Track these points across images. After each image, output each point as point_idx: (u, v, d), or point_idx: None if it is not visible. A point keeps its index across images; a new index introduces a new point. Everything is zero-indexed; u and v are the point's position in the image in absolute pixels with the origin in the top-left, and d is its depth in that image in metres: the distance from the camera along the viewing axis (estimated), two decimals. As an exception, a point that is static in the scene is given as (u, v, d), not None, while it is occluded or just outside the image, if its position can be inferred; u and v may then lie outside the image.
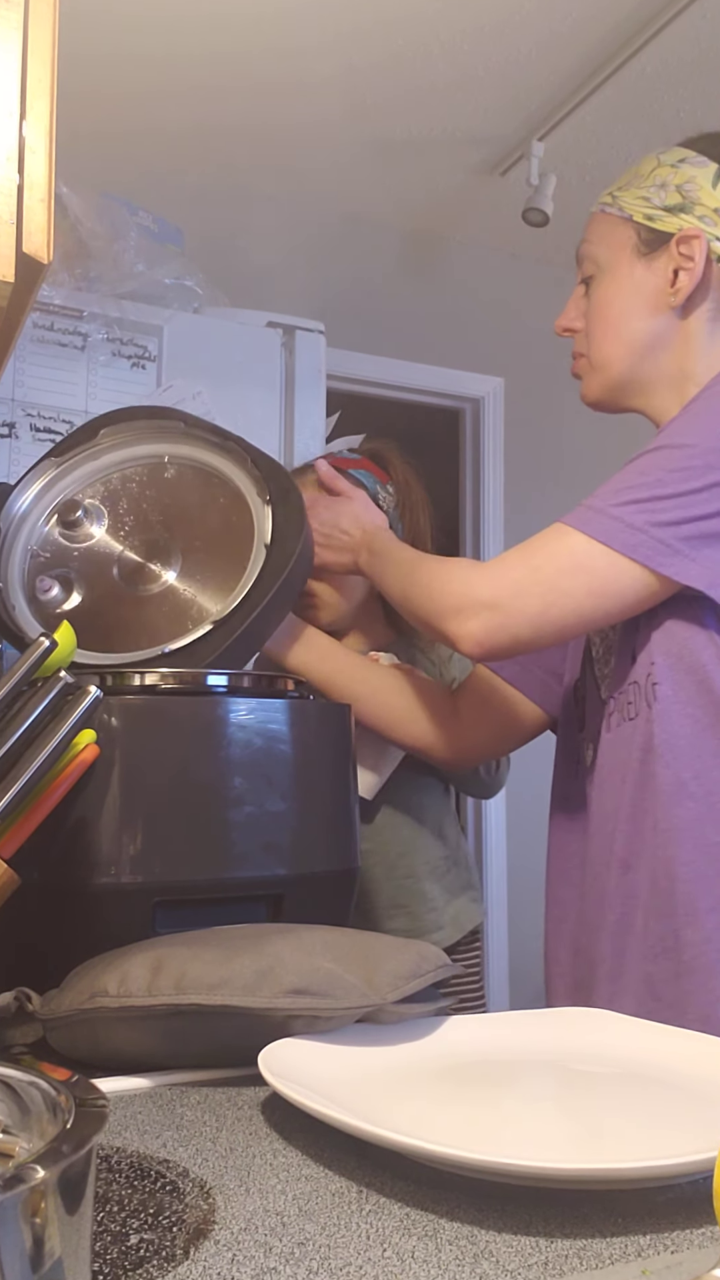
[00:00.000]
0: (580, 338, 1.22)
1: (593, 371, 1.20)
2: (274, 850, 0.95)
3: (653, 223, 1.14)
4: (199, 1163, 0.57)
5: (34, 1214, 0.32)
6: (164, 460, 1.23)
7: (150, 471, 1.24)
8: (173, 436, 1.24)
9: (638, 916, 1.05)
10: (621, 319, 1.16)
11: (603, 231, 1.19)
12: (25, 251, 0.70)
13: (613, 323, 1.17)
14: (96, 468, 1.24)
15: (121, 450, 1.24)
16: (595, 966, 1.08)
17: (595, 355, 1.19)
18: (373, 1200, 0.52)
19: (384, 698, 1.33)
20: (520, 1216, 0.50)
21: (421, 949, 0.80)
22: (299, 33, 2.55)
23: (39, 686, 0.80)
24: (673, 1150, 0.53)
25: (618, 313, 1.17)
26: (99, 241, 1.72)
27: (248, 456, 1.19)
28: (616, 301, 1.17)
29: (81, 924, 0.90)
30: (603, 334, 1.18)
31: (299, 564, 1.14)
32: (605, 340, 1.18)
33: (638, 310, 1.16)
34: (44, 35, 0.72)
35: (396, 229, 3.48)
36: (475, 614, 1.04)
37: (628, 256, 1.16)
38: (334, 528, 1.27)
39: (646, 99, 2.82)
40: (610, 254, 1.17)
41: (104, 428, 1.24)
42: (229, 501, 1.18)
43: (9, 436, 1.68)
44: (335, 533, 1.27)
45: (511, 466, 3.53)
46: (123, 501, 1.22)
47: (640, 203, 1.15)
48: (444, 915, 1.64)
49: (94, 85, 2.68)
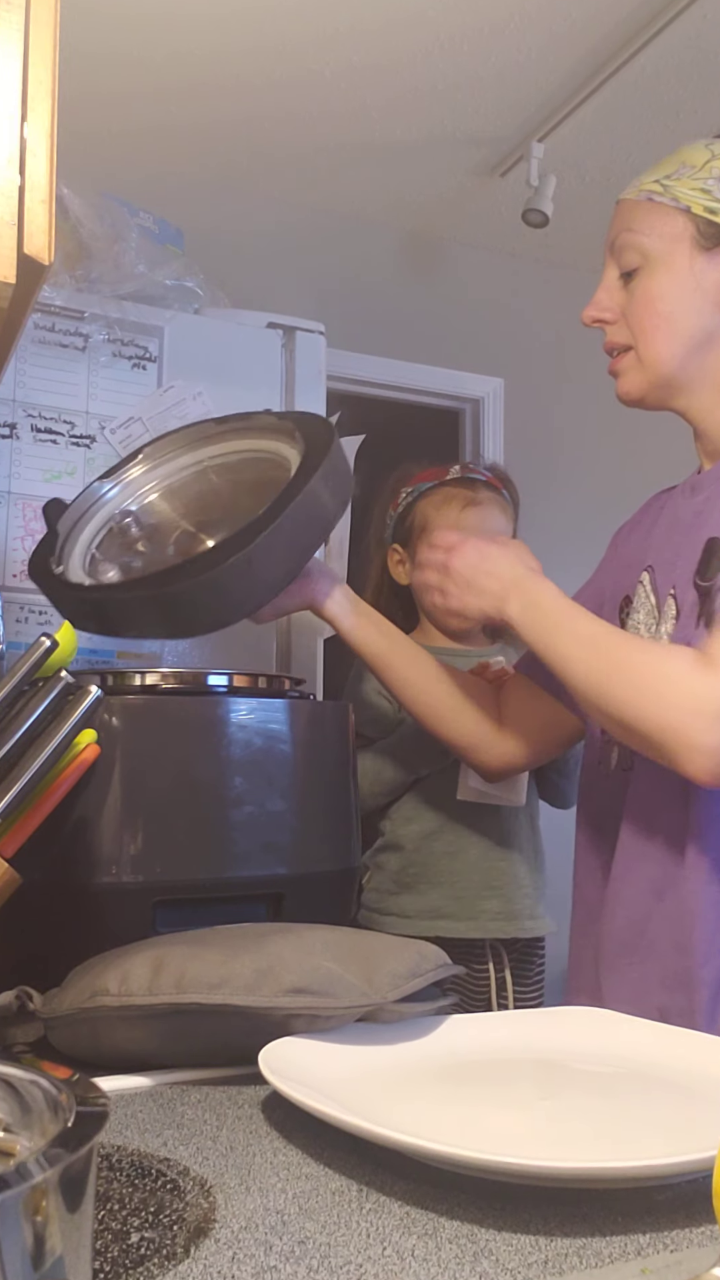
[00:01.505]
0: (615, 330, 1.15)
1: (639, 368, 1.13)
2: (274, 850, 0.96)
3: (715, 216, 1.09)
4: (199, 1161, 0.58)
5: (35, 1212, 0.32)
6: (207, 461, 1.27)
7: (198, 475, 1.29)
8: (211, 438, 1.27)
9: (662, 945, 1.03)
10: (677, 314, 1.10)
11: (653, 222, 1.12)
12: (26, 253, 0.71)
13: (665, 317, 1.11)
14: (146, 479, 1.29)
15: (168, 463, 1.29)
16: (618, 988, 1.06)
17: (645, 351, 1.12)
18: (373, 1199, 0.53)
19: (436, 688, 1.28)
20: (520, 1215, 0.50)
21: (421, 948, 0.80)
22: (299, 32, 2.55)
23: (40, 686, 0.80)
24: (673, 1150, 0.53)
25: (672, 308, 1.11)
26: (100, 243, 1.72)
27: (284, 422, 1.21)
28: (671, 295, 1.11)
29: (82, 923, 0.90)
30: (654, 329, 1.11)
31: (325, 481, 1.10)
32: (657, 336, 1.11)
33: (695, 306, 1.10)
34: (45, 37, 0.73)
35: (396, 230, 3.48)
36: (712, 729, 0.93)
37: (686, 249, 1.10)
38: (477, 570, 1.11)
39: (646, 99, 2.82)
40: (665, 246, 1.11)
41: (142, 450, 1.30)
42: (277, 471, 1.20)
43: (9, 437, 1.68)
44: (479, 575, 1.11)
45: (511, 466, 3.51)
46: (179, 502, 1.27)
47: (699, 194, 1.10)
48: (538, 905, 1.69)
49: (94, 85, 2.68)
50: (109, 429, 1.70)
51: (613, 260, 1.15)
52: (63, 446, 1.68)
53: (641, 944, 1.05)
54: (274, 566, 1.07)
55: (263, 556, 1.04)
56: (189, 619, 1.08)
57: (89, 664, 1.65)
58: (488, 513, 1.71)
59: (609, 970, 1.08)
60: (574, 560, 3.41)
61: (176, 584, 1.04)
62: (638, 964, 1.06)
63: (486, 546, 1.14)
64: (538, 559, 1.14)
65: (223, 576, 1.03)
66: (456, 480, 1.73)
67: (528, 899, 1.67)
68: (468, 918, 1.62)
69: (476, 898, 1.63)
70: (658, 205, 1.12)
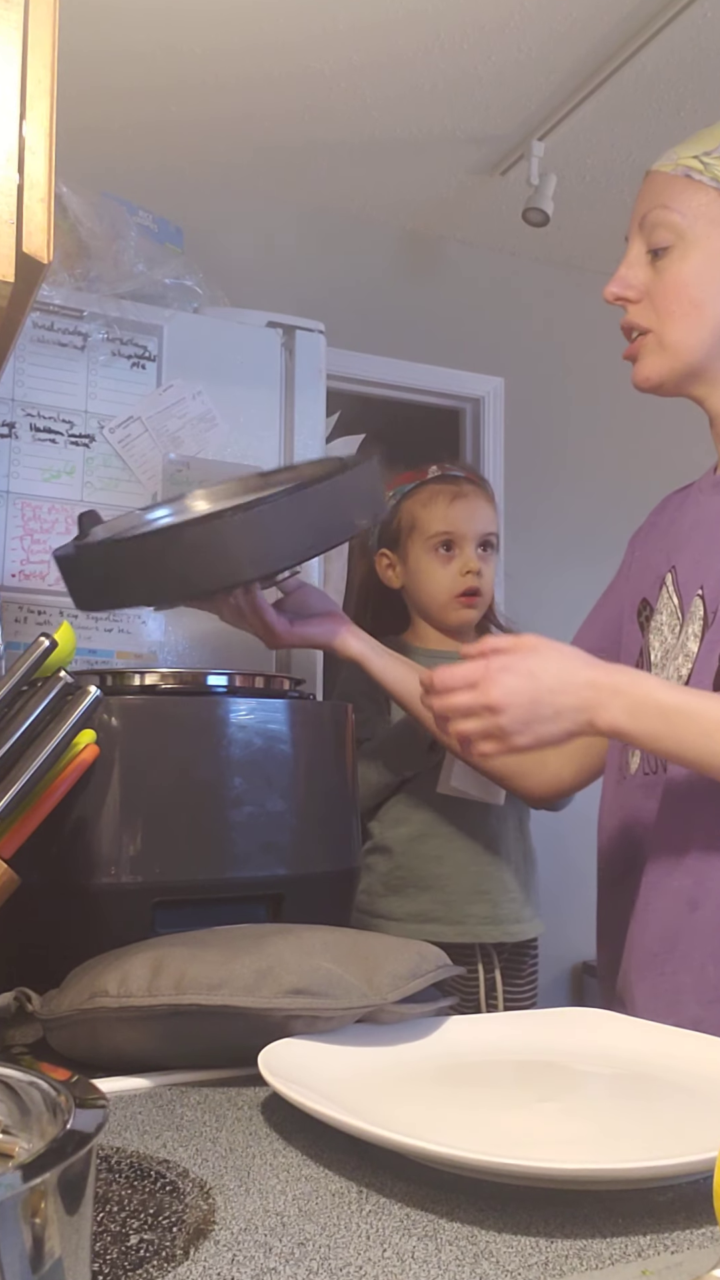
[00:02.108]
0: (638, 310, 1.09)
1: (661, 352, 1.07)
2: (274, 850, 0.95)
3: None
4: (199, 1163, 0.57)
5: (34, 1214, 0.32)
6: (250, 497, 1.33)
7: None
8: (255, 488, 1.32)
9: (696, 957, 1.00)
10: (708, 301, 1.05)
11: (689, 200, 1.05)
12: (25, 251, 0.71)
13: (695, 304, 1.05)
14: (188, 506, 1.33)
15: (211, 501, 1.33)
16: (649, 1000, 1.03)
17: (670, 336, 1.06)
18: (373, 1200, 0.52)
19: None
20: (520, 1216, 0.50)
21: (421, 949, 0.80)
22: (299, 30, 2.55)
23: (39, 686, 0.80)
24: (673, 1150, 0.53)
25: (703, 294, 1.05)
26: (99, 241, 1.72)
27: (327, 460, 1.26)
28: (703, 280, 1.05)
29: (81, 924, 0.90)
30: (682, 315, 1.06)
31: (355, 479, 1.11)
32: (685, 321, 1.06)
33: None
34: (44, 36, 0.72)
35: (396, 229, 3.48)
36: None
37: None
38: (535, 694, 0.92)
39: (646, 99, 2.82)
40: (701, 228, 1.05)
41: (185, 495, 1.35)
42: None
43: (9, 436, 1.68)
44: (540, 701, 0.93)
45: (511, 466, 3.53)
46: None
47: None
48: (525, 909, 1.68)
49: (92, 83, 2.68)
50: (108, 428, 1.70)
51: (640, 236, 1.09)
52: (62, 446, 1.68)
53: (674, 956, 1.02)
54: (284, 532, 1.04)
55: (272, 516, 1.03)
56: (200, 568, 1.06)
57: (88, 664, 1.65)
58: (475, 504, 1.71)
59: (638, 980, 1.05)
60: (574, 559, 3.41)
61: (184, 530, 1.06)
62: (669, 975, 1.02)
63: (518, 662, 0.94)
64: (539, 559, 1.12)
65: (228, 526, 1.03)
66: (438, 478, 1.74)
67: (514, 903, 1.66)
68: (455, 922, 1.62)
69: (464, 902, 1.63)
70: (695, 183, 1.05)
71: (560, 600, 1.83)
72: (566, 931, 2.21)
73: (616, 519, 1.32)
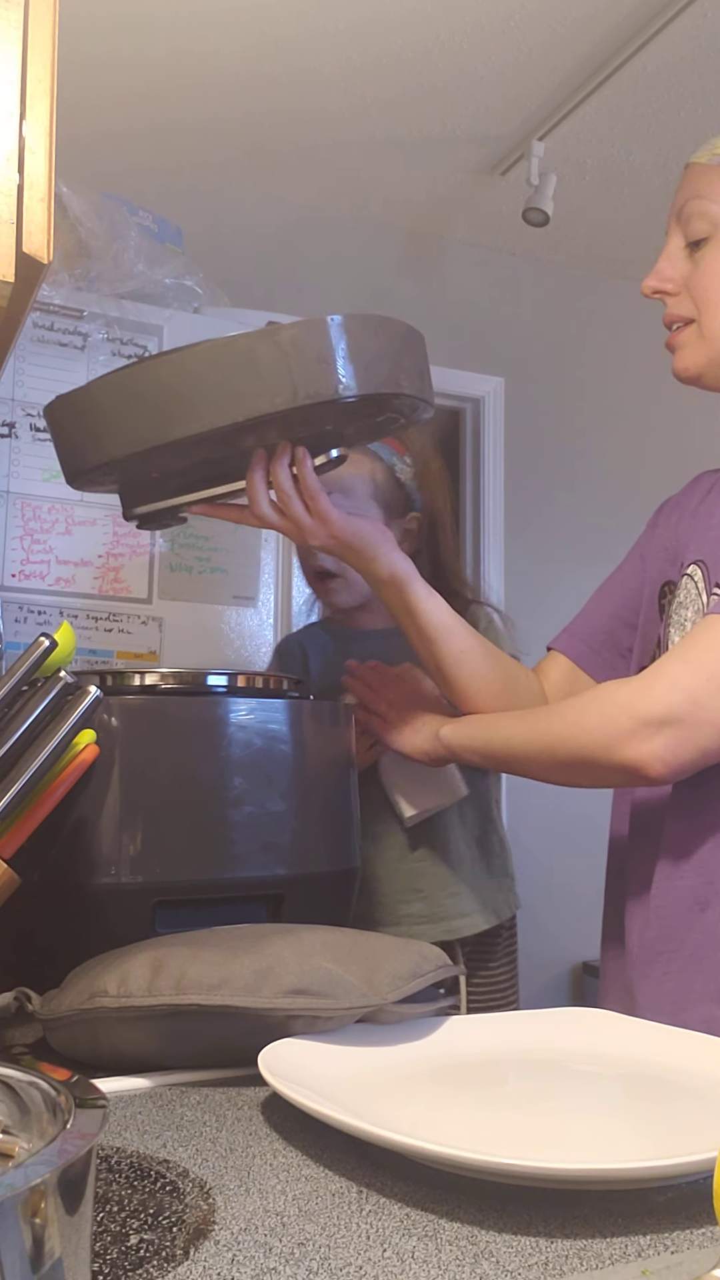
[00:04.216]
0: (677, 302, 1.09)
1: (701, 343, 1.07)
2: (274, 850, 0.95)
3: None
4: (199, 1163, 0.57)
5: (34, 1214, 0.32)
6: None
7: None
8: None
9: (710, 955, 1.00)
10: None
11: None
12: (25, 251, 0.71)
13: None
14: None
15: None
16: (654, 998, 1.03)
17: (710, 326, 1.06)
18: (373, 1200, 0.52)
19: (487, 663, 1.19)
20: (520, 1216, 0.50)
21: (422, 949, 0.80)
22: (298, 30, 2.55)
23: (39, 686, 0.80)
24: (673, 1150, 0.53)
25: None
26: (99, 241, 1.72)
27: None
28: None
29: (81, 924, 0.90)
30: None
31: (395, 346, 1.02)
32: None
33: None
34: (44, 36, 0.72)
35: (396, 229, 3.48)
36: (651, 735, 0.95)
37: None
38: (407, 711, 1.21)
39: (646, 99, 2.82)
40: None
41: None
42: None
43: (9, 436, 1.68)
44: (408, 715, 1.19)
45: (511, 466, 3.53)
46: None
47: None
48: (466, 901, 1.55)
49: (93, 83, 2.68)
50: (108, 428, 1.69)
51: (678, 227, 1.09)
52: (62, 446, 1.68)
53: (681, 954, 1.02)
54: (310, 357, 0.96)
55: (300, 339, 0.96)
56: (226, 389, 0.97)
57: (88, 664, 1.65)
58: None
59: (641, 978, 1.05)
60: (574, 558, 3.41)
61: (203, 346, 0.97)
62: (674, 974, 1.02)
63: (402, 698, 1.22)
64: (539, 559, 1.11)
65: (258, 341, 0.95)
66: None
67: (453, 898, 1.55)
68: (391, 924, 1.53)
69: (397, 902, 1.53)
70: None
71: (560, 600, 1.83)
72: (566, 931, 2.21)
73: (616, 519, 1.32)
